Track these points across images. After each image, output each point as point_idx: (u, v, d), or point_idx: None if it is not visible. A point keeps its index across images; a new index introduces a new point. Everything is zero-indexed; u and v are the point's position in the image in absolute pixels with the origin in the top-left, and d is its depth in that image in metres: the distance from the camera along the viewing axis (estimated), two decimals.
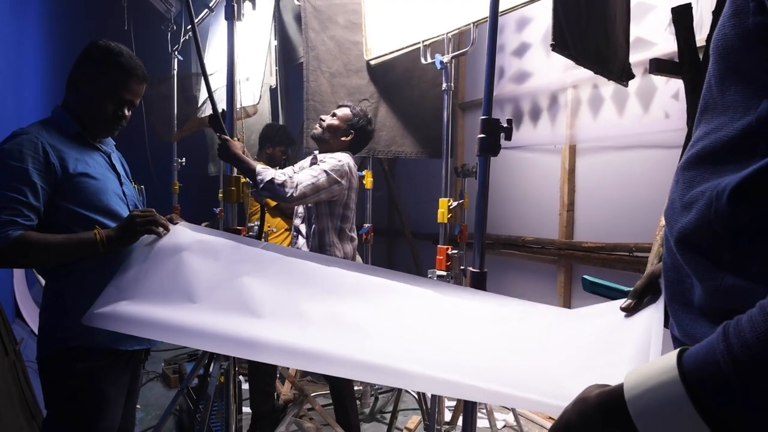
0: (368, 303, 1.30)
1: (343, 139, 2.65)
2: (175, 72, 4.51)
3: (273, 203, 3.81)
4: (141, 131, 4.39)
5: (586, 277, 1.13)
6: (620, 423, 0.55)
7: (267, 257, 1.49)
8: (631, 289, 1.03)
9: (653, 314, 0.93)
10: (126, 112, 1.69)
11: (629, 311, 1.00)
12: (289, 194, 2.30)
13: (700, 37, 1.97)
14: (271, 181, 2.27)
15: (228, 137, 2.11)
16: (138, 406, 3.40)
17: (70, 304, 1.56)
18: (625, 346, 0.93)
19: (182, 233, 1.59)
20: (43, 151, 1.51)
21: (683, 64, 1.83)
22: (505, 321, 1.23)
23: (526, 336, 1.15)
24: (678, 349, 0.55)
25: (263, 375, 2.57)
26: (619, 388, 0.57)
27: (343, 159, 2.55)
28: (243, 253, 1.51)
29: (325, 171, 2.45)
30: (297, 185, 2.33)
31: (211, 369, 2.41)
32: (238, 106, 2.56)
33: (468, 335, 1.19)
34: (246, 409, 3.47)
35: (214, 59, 3.86)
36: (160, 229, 1.59)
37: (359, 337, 1.19)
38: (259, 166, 2.32)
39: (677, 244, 0.68)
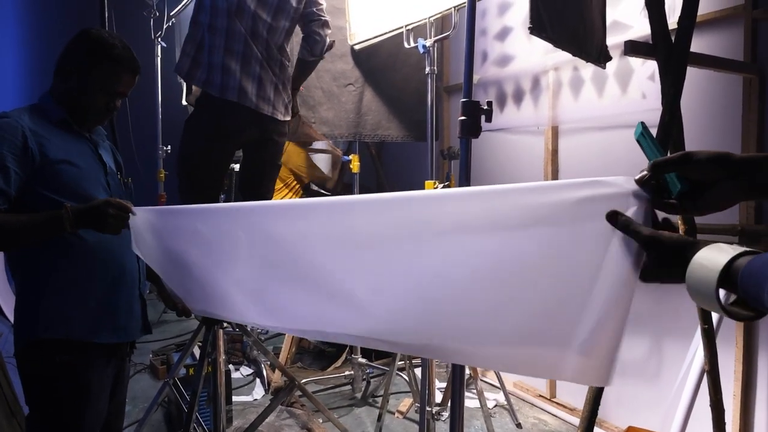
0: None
1: None
2: (159, 59, 4.48)
3: None
4: (125, 118, 4.38)
5: (643, 122, 0.85)
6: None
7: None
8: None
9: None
10: (117, 103, 1.69)
11: (641, 185, 0.80)
12: None
13: (672, 20, 2.01)
14: None
15: None
16: None
17: (42, 295, 1.54)
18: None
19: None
20: (22, 135, 1.48)
21: (656, 45, 1.87)
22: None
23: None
24: (730, 258, 0.66)
25: None
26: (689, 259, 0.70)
27: None
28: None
29: None
30: None
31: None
32: None
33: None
34: (236, 398, 3.49)
35: None
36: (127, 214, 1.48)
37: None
38: None
39: None
